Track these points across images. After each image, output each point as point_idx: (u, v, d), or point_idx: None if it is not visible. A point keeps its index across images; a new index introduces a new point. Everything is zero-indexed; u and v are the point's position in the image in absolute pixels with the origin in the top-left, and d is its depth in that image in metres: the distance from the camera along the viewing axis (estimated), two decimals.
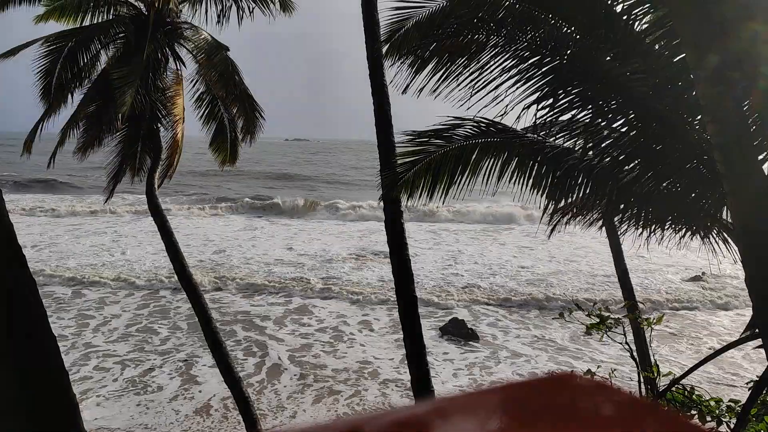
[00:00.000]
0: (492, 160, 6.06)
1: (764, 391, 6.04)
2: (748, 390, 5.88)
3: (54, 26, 13.06)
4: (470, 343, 18.65)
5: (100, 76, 12.90)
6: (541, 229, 6.79)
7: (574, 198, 5.79)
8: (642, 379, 6.40)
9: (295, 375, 16.14)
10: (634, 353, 6.65)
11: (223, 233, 35.56)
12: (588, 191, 5.70)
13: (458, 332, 19.16)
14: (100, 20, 13.01)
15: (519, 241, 34.25)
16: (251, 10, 13.10)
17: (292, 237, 34.85)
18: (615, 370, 7.07)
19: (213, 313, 13.50)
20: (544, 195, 5.88)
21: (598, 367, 6.60)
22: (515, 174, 6.00)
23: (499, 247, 32.88)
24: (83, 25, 12.99)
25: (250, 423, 11.98)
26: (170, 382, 15.68)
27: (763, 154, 4.57)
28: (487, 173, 6.15)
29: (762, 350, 4.44)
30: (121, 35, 13.16)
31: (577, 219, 6.28)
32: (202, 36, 13.45)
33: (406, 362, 9.73)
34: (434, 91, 6.40)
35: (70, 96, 12.91)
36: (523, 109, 5.79)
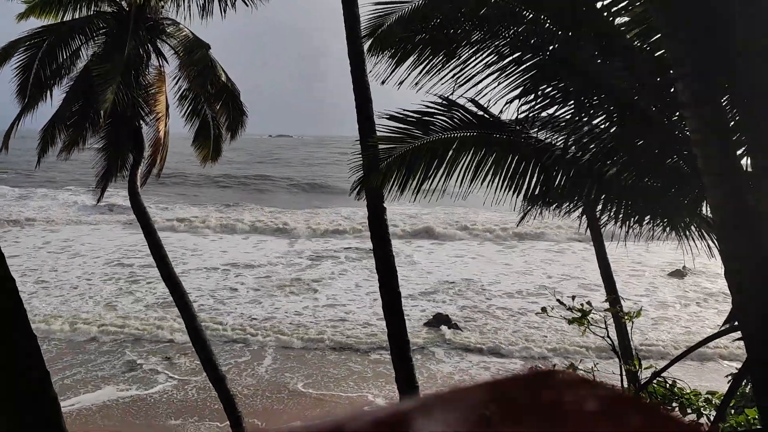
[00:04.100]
0: (469, 156, 5.95)
1: (743, 384, 6.13)
2: (728, 383, 5.96)
3: (35, 23, 12.91)
4: (455, 336, 18.79)
5: (81, 74, 12.73)
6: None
7: (553, 192, 5.80)
8: (624, 373, 6.47)
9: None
10: (616, 347, 6.71)
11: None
12: (569, 185, 5.72)
13: (442, 325, 19.36)
14: (80, 16, 12.85)
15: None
16: (233, 1, 12.91)
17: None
18: (597, 363, 7.14)
19: None
20: (522, 191, 5.85)
21: (580, 361, 6.66)
22: (491, 172, 5.90)
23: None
24: (63, 20, 12.83)
25: (234, 421, 11.94)
26: (156, 378, 15.70)
27: (742, 149, 4.62)
28: (463, 171, 6.01)
29: (741, 342, 4.50)
30: (102, 31, 13.00)
31: (556, 210, 6.27)
32: (183, 33, 13.31)
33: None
34: (416, 84, 6.36)
35: (48, 93, 12.72)
36: (506, 103, 5.80)
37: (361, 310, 21.20)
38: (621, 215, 5.79)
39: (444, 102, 5.99)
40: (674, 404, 5.89)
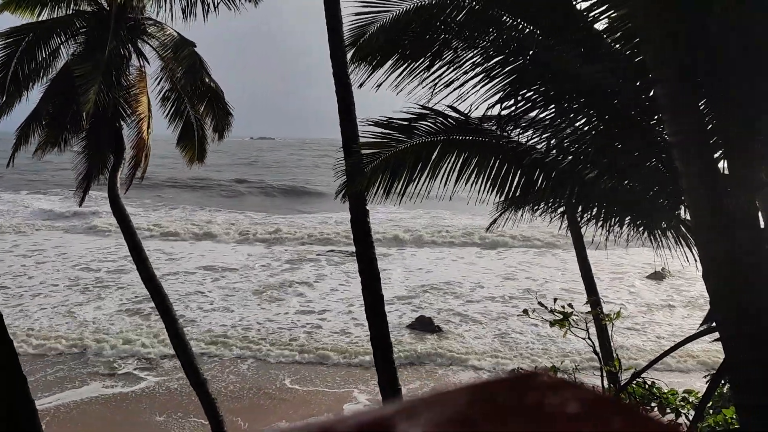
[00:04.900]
0: (452, 159, 5.97)
1: (721, 383, 6.22)
2: (706, 383, 6.05)
3: (8, 18, 12.69)
4: (437, 336, 18.90)
5: (60, 73, 12.56)
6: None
7: (535, 194, 5.84)
8: (605, 374, 6.53)
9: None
10: (597, 348, 6.78)
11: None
12: (550, 188, 5.77)
13: (425, 328, 19.47)
14: (59, 15, 12.69)
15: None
16: (216, 4, 12.84)
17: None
18: (578, 364, 7.20)
19: None
20: (504, 194, 5.88)
21: (562, 362, 6.72)
22: (474, 174, 5.93)
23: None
24: (41, 19, 12.65)
25: (216, 425, 11.86)
26: (137, 382, 15.62)
27: (719, 152, 4.69)
28: (446, 174, 6.04)
29: (719, 343, 4.56)
30: (83, 31, 12.84)
31: (537, 213, 6.31)
32: (167, 32, 13.18)
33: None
34: (396, 86, 6.37)
35: (26, 92, 12.53)
36: (488, 107, 5.83)
37: (339, 316, 21.11)
38: (602, 217, 5.85)
39: (426, 109, 6.02)
40: (653, 404, 5.96)
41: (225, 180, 62.30)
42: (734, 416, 5.52)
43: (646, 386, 6.11)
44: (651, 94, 5.16)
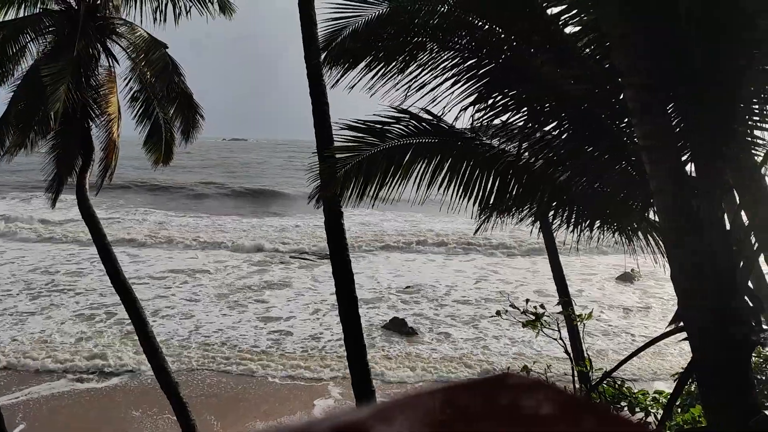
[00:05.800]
0: (424, 163, 5.98)
1: (689, 382, 6.33)
2: (674, 381, 6.15)
3: None
4: (410, 338, 18.98)
5: (28, 73, 12.30)
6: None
7: (507, 198, 5.88)
8: (576, 374, 6.61)
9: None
10: (569, 348, 6.85)
11: None
12: (522, 191, 5.82)
13: (399, 330, 19.56)
14: (26, 13, 12.43)
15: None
16: (188, 9, 12.73)
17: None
18: (550, 366, 7.27)
19: None
20: (477, 198, 5.90)
21: (534, 363, 6.79)
22: (447, 178, 5.94)
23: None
24: (7, 18, 12.38)
25: (187, 427, 11.73)
26: (109, 378, 15.57)
27: (687, 155, 4.78)
28: (419, 178, 6.03)
29: (687, 343, 4.65)
30: (51, 30, 12.59)
31: (509, 216, 6.35)
32: (137, 33, 12.98)
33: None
34: (370, 89, 6.38)
35: None
36: (460, 110, 5.86)
37: (310, 320, 20.97)
38: (573, 220, 5.91)
39: (399, 112, 6.03)
40: (623, 404, 6.05)
41: (194, 182, 60.85)
42: (701, 414, 5.63)
43: (617, 386, 6.20)
44: (621, 97, 5.23)
